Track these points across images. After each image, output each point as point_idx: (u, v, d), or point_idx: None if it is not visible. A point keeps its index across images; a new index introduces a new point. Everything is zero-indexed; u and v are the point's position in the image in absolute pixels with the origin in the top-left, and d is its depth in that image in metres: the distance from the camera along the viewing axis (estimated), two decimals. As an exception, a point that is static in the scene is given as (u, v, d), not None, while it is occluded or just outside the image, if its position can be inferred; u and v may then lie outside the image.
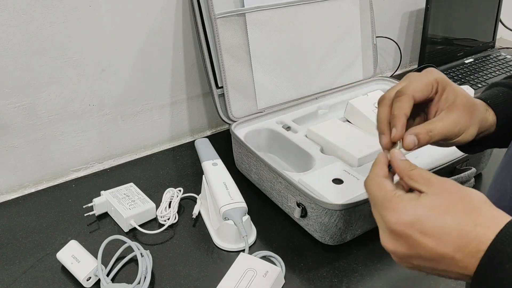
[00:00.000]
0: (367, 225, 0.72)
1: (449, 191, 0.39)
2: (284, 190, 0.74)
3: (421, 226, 0.38)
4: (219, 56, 0.87)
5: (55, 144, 0.87)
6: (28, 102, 0.81)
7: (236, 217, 0.69)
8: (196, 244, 0.72)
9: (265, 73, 0.92)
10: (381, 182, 0.43)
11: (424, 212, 0.38)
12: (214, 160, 0.78)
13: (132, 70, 0.90)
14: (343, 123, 0.89)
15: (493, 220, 0.37)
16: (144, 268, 0.64)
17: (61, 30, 0.79)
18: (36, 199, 0.83)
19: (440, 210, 0.38)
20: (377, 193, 0.42)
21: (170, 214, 0.76)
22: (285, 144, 0.86)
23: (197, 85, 1.01)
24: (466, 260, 0.37)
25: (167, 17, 0.90)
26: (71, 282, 0.65)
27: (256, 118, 0.90)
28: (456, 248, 0.37)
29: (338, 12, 0.99)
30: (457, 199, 0.39)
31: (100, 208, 0.77)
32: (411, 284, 0.66)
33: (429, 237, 0.38)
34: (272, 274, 0.61)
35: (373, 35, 1.06)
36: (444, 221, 0.37)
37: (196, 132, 1.06)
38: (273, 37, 0.92)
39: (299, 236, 0.73)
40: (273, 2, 0.90)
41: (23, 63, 0.78)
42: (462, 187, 0.40)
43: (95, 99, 0.88)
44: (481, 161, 0.85)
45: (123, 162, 0.94)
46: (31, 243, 0.72)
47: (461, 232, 0.37)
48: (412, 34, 1.37)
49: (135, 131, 0.96)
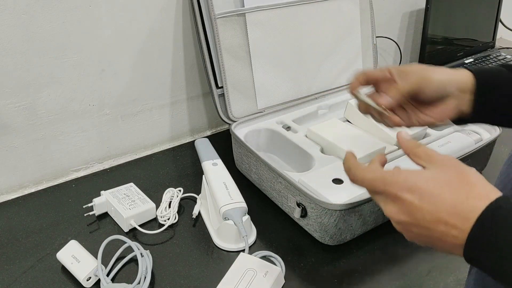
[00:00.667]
0: (367, 225, 0.72)
1: (449, 166, 0.43)
2: (284, 190, 0.74)
3: (420, 193, 0.42)
4: (219, 56, 0.87)
5: (55, 144, 0.87)
6: (28, 102, 0.81)
7: (236, 217, 0.69)
8: (196, 244, 0.72)
9: (265, 73, 0.92)
10: (370, 166, 0.47)
11: (423, 182, 0.42)
12: (214, 160, 0.78)
13: (132, 70, 0.90)
14: (343, 123, 0.89)
15: (485, 193, 0.40)
16: (144, 268, 0.64)
17: (61, 30, 0.79)
18: (36, 199, 0.83)
19: (438, 181, 0.42)
20: (375, 175, 0.45)
21: (170, 214, 0.76)
22: (285, 144, 0.86)
23: (197, 85, 1.01)
24: (459, 227, 0.40)
25: (167, 17, 0.90)
26: (71, 282, 0.65)
27: (256, 118, 0.90)
28: (450, 214, 0.40)
29: (338, 12, 0.99)
30: (454, 173, 0.42)
31: (100, 208, 0.77)
32: (411, 284, 0.66)
33: (427, 203, 0.41)
34: (272, 274, 0.62)
35: (373, 35, 1.06)
36: (441, 191, 0.41)
37: (196, 132, 1.06)
38: (273, 37, 0.92)
39: (299, 236, 0.73)
40: (273, 2, 0.90)
41: (23, 63, 0.78)
42: (462, 164, 0.43)
43: (95, 99, 0.88)
44: (481, 161, 0.85)
45: (123, 162, 0.94)
46: (31, 243, 0.72)
47: (455, 201, 0.40)
48: (412, 34, 1.37)
49: (135, 131, 0.96)
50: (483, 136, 0.87)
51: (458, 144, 0.83)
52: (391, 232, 0.74)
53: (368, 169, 0.47)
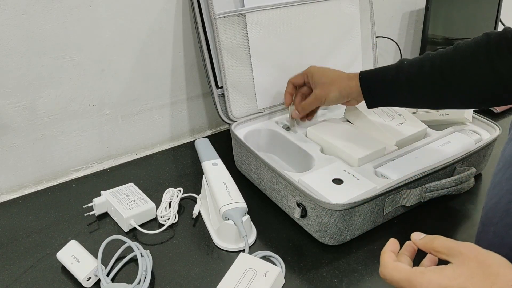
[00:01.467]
0: (367, 225, 0.72)
1: (470, 258, 0.44)
2: (284, 190, 0.74)
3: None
4: (219, 56, 0.87)
5: (55, 144, 0.87)
6: (28, 102, 0.81)
7: (236, 217, 0.69)
8: (196, 244, 0.72)
9: (265, 73, 0.92)
10: (397, 265, 0.48)
11: (447, 282, 0.43)
12: (214, 160, 0.78)
13: (132, 70, 0.90)
14: (343, 123, 0.89)
15: (508, 283, 0.40)
16: (144, 268, 0.64)
17: (61, 30, 0.79)
18: (36, 199, 0.83)
19: (461, 279, 0.42)
20: (400, 276, 0.46)
21: (170, 214, 0.76)
22: (285, 144, 0.86)
23: (197, 85, 1.01)
24: None
25: (167, 17, 0.90)
26: (71, 282, 0.65)
27: (256, 118, 0.90)
28: None
29: (338, 12, 0.99)
30: (476, 265, 0.43)
31: (100, 208, 0.77)
32: (411, 284, 0.66)
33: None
34: (272, 274, 0.61)
35: (373, 35, 1.06)
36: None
37: (196, 132, 1.06)
38: (273, 37, 0.92)
39: (299, 236, 0.73)
40: (273, 2, 0.90)
41: (23, 63, 0.78)
42: (482, 251, 0.44)
43: (95, 99, 0.88)
44: (481, 161, 0.85)
45: (123, 162, 0.94)
46: (31, 243, 0.72)
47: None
48: (412, 34, 1.37)
49: (135, 131, 0.96)
50: (483, 136, 0.87)
51: (458, 144, 0.83)
52: (391, 232, 0.74)
53: (396, 268, 0.47)
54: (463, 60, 0.68)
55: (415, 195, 0.73)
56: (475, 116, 0.91)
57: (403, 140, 0.83)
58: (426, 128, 0.87)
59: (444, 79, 0.69)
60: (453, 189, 0.75)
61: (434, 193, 0.74)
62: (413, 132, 0.85)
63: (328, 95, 0.80)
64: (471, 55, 0.67)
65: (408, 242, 0.51)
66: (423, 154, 0.80)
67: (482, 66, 0.66)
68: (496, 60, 0.65)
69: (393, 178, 0.74)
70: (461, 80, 0.68)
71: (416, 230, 0.75)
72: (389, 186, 0.70)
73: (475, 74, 0.67)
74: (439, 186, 0.74)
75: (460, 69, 0.68)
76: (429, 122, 0.90)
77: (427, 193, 0.74)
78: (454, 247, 0.45)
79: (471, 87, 0.68)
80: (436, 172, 0.75)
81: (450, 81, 0.69)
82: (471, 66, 0.67)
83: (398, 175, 0.74)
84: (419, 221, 0.76)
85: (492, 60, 0.65)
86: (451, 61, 0.69)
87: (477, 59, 0.66)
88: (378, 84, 0.75)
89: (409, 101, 0.75)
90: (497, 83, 0.65)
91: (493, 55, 0.65)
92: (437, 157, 0.78)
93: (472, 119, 0.90)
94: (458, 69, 0.68)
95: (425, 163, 0.76)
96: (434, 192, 0.74)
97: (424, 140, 0.85)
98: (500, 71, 0.65)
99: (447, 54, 0.70)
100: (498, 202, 0.49)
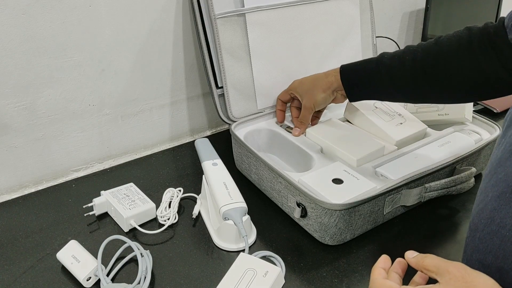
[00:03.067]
0: (367, 225, 0.72)
1: (457, 277, 0.44)
2: (284, 190, 0.74)
3: None
4: (219, 56, 0.87)
5: (55, 144, 0.87)
6: (28, 102, 0.81)
7: (236, 217, 0.69)
8: (196, 244, 0.72)
9: (265, 73, 0.92)
10: (385, 283, 0.49)
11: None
12: (214, 160, 0.78)
13: (132, 70, 0.90)
14: (343, 123, 0.89)
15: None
16: (144, 268, 0.64)
17: (61, 30, 0.79)
18: (36, 199, 0.83)
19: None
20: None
21: (170, 214, 0.76)
22: (285, 144, 0.86)
23: (197, 85, 1.01)
24: None
25: (167, 17, 0.90)
26: (71, 282, 0.65)
27: (256, 118, 0.90)
28: None
29: (338, 12, 0.99)
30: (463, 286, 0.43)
31: (100, 208, 0.77)
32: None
33: None
34: (272, 274, 0.61)
35: (373, 35, 1.06)
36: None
37: (196, 132, 1.06)
38: (273, 37, 0.92)
39: (299, 236, 0.73)
40: (273, 2, 0.90)
41: (23, 63, 0.78)
42: (471, 271, 0.45)
43: (95, 99, 0.88)
44: (481, 161, 0.85)
45: (123, 162, 0.94)
46: (31, 243, 0.72)
47: None
48: (412, 34, 1.37)
49: (135, 131, 0.96)
50: (483, 136, 0.87)
51: (458, 144, 0.83)
52: (391, 232, 0.74)
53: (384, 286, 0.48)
54: (445, 55, 0.68)
55: (415, 195, 0.73)
56: (475, 116, 0.91)
57: (403, 140, 0.83)
58: (426, 128, 0.87)
59: (426, 73, 0.69)
60: (453, 189, 0.75)
61: (434, 193, 0.74)
62: (413, 132, 0.85)
63: (315, 100, 0.83)
64: (453, 50, 0.67)
65: (399, 259, 0.52)
66: (423, 154, 0.80)
67: (464, 61, 0.66)
68: (478, 56, 0.65)
69: (393, 178, 0.74)
70: (443, 75, 0.68)
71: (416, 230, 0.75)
72: (389, 186, 0.70)
73: (458, 70, 0.67)
74: (439, 186, 0.74)
75: (443, 64, 0.68)
76: (429, 122, 0.90)
77: (427, 193, 0.74)
78: (443, 266, 0.46)
79: (453, 82, 0.68)
80: (436, 172, 0.75)
81: (432, 75, 0.69)
82: (453, 61, 0.67)
83: (398, 175, 0.74)
84: (419, 221, 0.76)
85: (474, 55, 0.65)
86: (433, 56, 0.69)
87: (460, 54, 0.66)
88: (358, 76, 0.77)
89: (390, 94, 0.76)
90: (479, 78, 0.65)
91: (475, 50, 0.65)
92: (437, 157, 0.78)
93: (472, 119, 0.90)
94: (441, 64, 0.68)
95: (425, 163, 0.76)
96: (434, 192, 0.74)
97: (424, 140, 0.85)
98: (482, 66, 0.65)
99: (429, 48, 0.70)
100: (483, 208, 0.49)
